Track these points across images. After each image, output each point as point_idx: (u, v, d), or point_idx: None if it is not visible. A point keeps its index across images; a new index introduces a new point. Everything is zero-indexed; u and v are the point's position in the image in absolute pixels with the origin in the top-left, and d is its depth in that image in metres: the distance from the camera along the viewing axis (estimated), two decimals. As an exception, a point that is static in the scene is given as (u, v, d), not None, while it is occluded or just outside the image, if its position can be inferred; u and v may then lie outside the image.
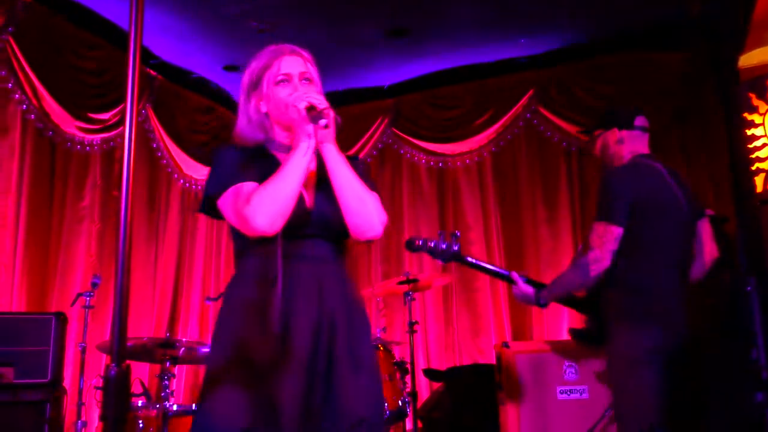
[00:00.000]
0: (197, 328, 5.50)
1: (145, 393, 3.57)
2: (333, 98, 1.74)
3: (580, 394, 4.21)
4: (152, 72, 5.27)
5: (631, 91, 5.17)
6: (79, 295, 3.73)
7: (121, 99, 4.78)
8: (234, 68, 5.42)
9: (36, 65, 4.30)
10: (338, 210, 1.72)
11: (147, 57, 5.18)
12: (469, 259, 2.91)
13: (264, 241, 1.65)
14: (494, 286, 5.48)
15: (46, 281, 4.43)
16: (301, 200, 1.69)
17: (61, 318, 3.28)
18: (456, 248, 2.83)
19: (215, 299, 4.72)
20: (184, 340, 3.73)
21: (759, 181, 4.05)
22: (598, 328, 2.72)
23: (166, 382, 3.36)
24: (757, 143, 4.09)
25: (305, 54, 1.85)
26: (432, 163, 5.82)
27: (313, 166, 1.77)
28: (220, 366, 1.64)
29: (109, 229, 4.80)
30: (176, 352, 3.40)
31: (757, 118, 4.10)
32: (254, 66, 1.87)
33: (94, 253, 4.68)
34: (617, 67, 5.25)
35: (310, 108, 1.67)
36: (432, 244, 2.80)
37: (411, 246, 2.83)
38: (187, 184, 5.60)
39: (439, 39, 5.15)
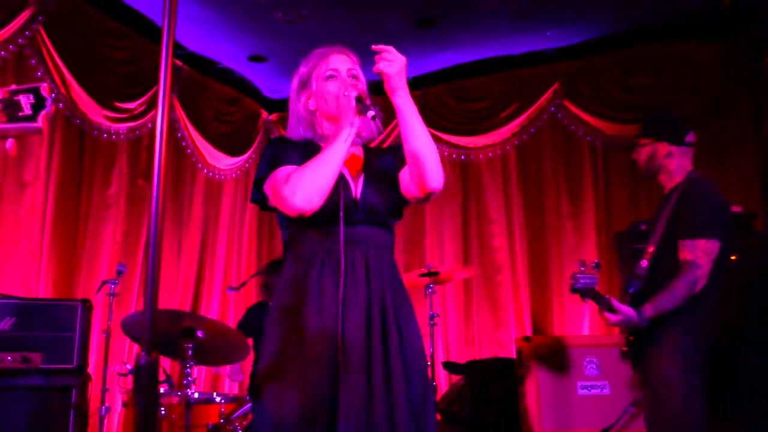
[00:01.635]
0: (217, 317, 5.55)
1: (168, 380, 3.62)
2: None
3: (601, 390, 4.19)
4: (178, 62, 5.31)
5: (662, 84, 5.09)
6: (104, 282, 3.78)
7: (148, 89, 4.85)
8: (259, 59, 5.43)
9: (65, 54, 4.35)
10: (383, 198, 1.85)
11: (174, 47, 5.20)
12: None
13: (312, 228, 1.77)
14: (515, 280, 5.46)
15: (73, 268, 4.50)
16: (348, 190, 1.81)
17: (87, 305, 3.32)
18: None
19: (237, 289, 4.75)
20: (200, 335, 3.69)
21: (789, 178, 3.96)
22: (638, 349, 2.77)
23: (188, 370, 3.40)
24: (788, 139, 4.00)
25: (351, 53, 1.95)
26: (455, 155, 5.79)
27: (360, 156, 1.93)
28: (278, 356, 1.72)
29: (134, 217, 4.86)
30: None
31: (788, 114, 4.01)
32: (303, 68, 1.95)
33: (119, 241, 4.74)
34: (647, 59, 5.17)
35: (359, 99, 1.77)
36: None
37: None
38: (211, 174, 5.64)
39: (466, 30, 5.11)
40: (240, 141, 5.88)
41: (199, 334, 3.26)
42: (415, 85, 5.81)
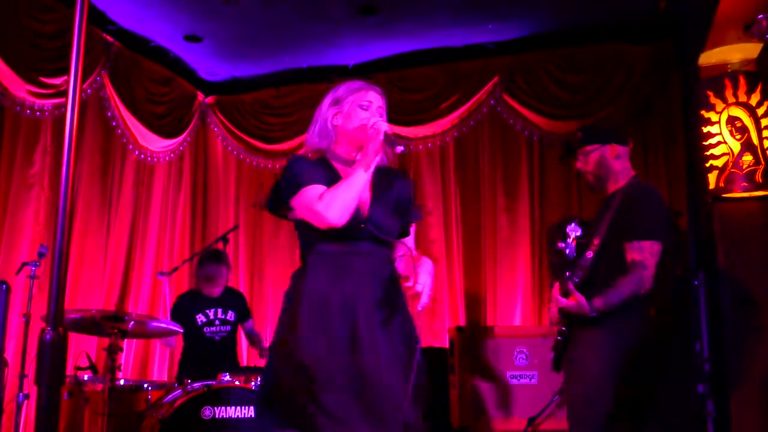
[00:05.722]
0: (148, 302, 5.41)
1: (92, 367, 3.50)
2: (296, 76, 1.71)
3: (530, 380, 4.29)
4: (109, 38, 5.10)
5: (595, 83, 5.22)
6: (24, 264, 3.61)
7: (76, 64, 4.64)
8: (195, 39, 5.26)
9: (-14, 24, 4.12)
10: (388, 217, 2.16)
11: (104, 22, 5.00)
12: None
13: (330, 240, 2.08)
14: (451, 271, 5.51)
15: (-9, 249, 4.29)
16: (358, 209, 2.10)
17: (4, 287, 3.17)
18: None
19: (168, 274, 4.63)
20: (134, 313, 3.66)
21: (712, 178, 4.13)
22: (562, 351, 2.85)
23: (114, 356, 3.29)
24: (712, 141, 4.16)
25: (385, 97, 2.27)
26: (394, 145, 5.78)
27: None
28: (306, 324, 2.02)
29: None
30: (125, 326, 3.33)
31: (713, 116, 4.17)
32: (344, 88, 2.24)
33: (42, 222, 4.53)
34: (584, 57, 5.28)
35: (387, 134, 2.09)
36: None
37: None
38: (143, 156, 5.46)
39: (408, 19, 5.08)
40: (174, 123, 5.71)
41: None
42: (355, 73, 5.77)
